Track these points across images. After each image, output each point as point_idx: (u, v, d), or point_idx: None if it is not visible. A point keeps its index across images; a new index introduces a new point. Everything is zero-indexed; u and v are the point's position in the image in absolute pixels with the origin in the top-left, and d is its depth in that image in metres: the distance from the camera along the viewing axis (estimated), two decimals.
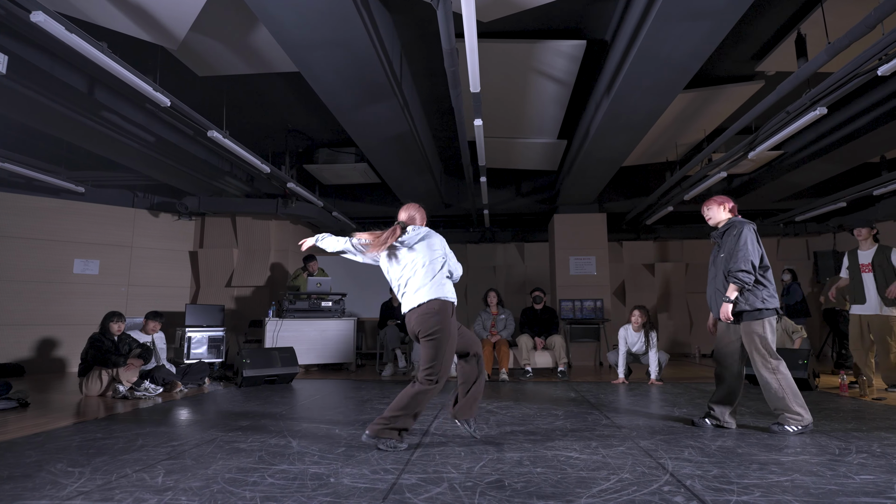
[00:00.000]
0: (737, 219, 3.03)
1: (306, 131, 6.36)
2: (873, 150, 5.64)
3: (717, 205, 3.12)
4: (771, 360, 2.80)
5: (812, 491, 1.82)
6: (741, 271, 2.81)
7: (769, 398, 2.83)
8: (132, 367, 4.46)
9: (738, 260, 2.82)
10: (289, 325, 6.13)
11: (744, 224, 2.94)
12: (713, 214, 3.12)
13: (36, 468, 2.19)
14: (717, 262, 3.05)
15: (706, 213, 3.16)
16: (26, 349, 6.34)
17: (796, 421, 2.75)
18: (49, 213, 6.70)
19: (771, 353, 2.81)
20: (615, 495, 1.79)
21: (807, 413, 2.77)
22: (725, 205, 3.11)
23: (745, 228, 2.90)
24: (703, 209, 3.19)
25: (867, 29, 3.00)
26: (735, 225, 2.97)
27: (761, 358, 2.81)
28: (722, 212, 3.10)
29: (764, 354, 2.81)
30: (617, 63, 3.98)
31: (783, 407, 2.78)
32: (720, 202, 3.12)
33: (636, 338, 5.18)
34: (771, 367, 2.80)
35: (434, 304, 2.53)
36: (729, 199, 3.14)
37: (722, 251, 3.01)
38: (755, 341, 2.82)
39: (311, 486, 1.93)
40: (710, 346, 8.87)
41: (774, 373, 2.79)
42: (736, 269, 2.82)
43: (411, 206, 2.88)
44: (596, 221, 7.95)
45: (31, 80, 3.88)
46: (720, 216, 3.10)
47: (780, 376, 2.78)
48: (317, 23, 3.23)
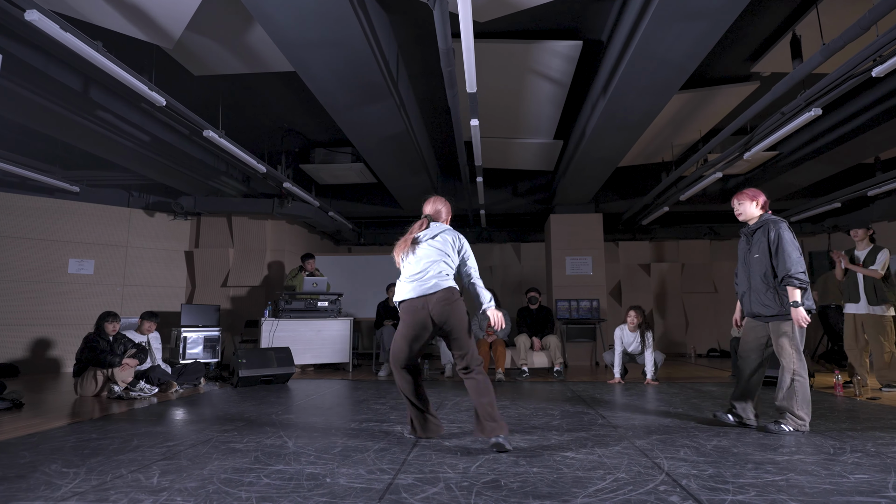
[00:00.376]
0: (770, 217, 2.94)
1: (302, 131, 6.34)
2: (868, 151, 5.67)
3: (749, 199, 3.00)
4: (795, 361, 2.78)
5: (807, 490, 1.83)
6: (801, 273, 2.73)
7: (779, 395, 2.83)
8: (127, 367, 4.44)
9: (792, 262, 2.75)
10: (285, 326, 6.11)
11: (779, 224, 2.86)
12: (744, 210, 3.01)
13: (30, 469, 2.18)
14: (748, 260, 2.97)
15: (737, 208, 3.04)
16: (21, 349, 6.30)
17: (795, 424, 2.77)
18: (44, 213, 6.66)
19: (798, 354, 2.79)
20: (611, 495, 1.80)
21: (808, 419, 2.78)
22: (758, 200, 2.99)
23: (782, 230, 2.82)
24: (733, 202, 3.06)
25: (861, 30, 3.02)
26: (769, 225, 2.89)
27: (787, 357, 2.80)
28: (754, 207, 2.99)
29: (790, 354, 2.79)
30: (613, 63, 3.99)
31: (789, 408, 2.78)
32: (752, 196, 3.00)
33: (632, 338, 5.20)
34: (793, 367, 2.78)
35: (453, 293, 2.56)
36: (761, 192, 3.01)
37: (755, 251, 2.92)
38: (783, 341, 2.81)
39: (307, 486, 1.92)
40: (706, 346, 8.91)
41: (794, 374, 2.78)
42: (794, 272, 2.74)
43: (438, 199, 2.83)
44: (592, 222, 7.97)
45: (26, 79, 3.86)
46: (752, 212, 3.00)
47: (797, 378, 2.77)
48: (313, 22, 3.22)
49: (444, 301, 2.52)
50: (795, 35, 3.98)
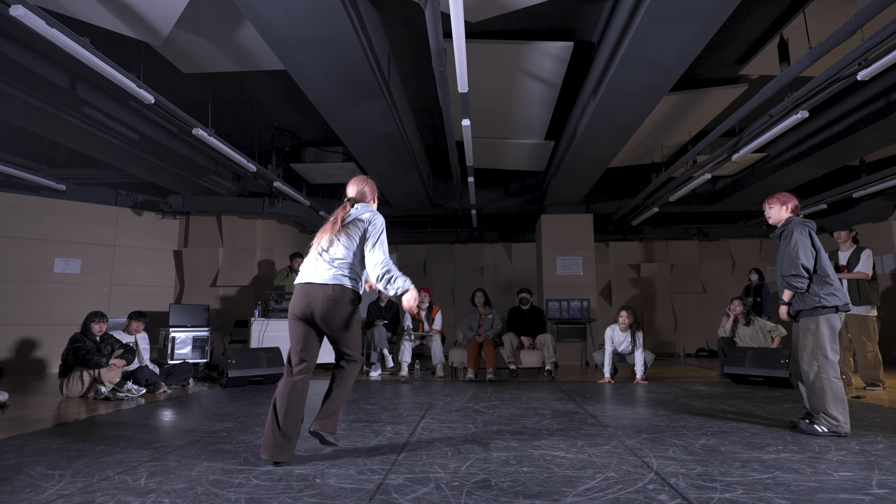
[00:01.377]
0: (794, 219, 2.91)
1: (293, 130, 6.30)
2: (853, 153, 5.76)
3: (779, 203, 2.99)
4: (819, 359, 2.71)
5: (793, 488, 1.85)
6: (792, 276, 2.75)
7: (808, 396, 2.76)
8: (114, 367, 4.39)
9: (788, 265, 2.77)
10: (275, 325, 6.07)
11: (796, 224, 2.84)
12: (774, 213, 3.01)
13: (14, 471, 2.14)
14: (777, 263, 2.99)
15: (767, 212, 3.04)
16: (5, 350, 6.20)
17: (831, 424, 2.67)
18: (29, 212, 6.56)
19: (822, 352, 2.71)
20: (601, 494, 1.81)
21: (845, 420, 2.67)
22: (788, 204, 2.98)
23: (796, 230, 2.81)
24: (764, 206, 3.07)
25: (847, 34, 3.07)
26: (788, 226, 2.88)
27: (809, 354, 2.74)
28: (783, 211, 2.98)
29: (813, 351, 2.73)
30: (604, 65, 4.01)
31: (820, 408, 2.70)
32: (783, 201, 2.99)
33: (622, 338, 5.23)
34: (818, 365, 2.71)
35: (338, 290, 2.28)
36: (793, 197, 3.00)
37: (779, 252, 2.93)
38: (807, 337, 2.77)
39: (296, 486, 1.91)
40: (695, 345, 9.00)
41: (819, 371, 2.70)
42: (787, 273, 2.77)
43: (361, 178, 2.58)
44: (582, 222, 8.01)
45: (11, 75, 3.80)
46: (781, 215, 2.98)
47: (824, 376, 2.69)
48: (304, 20, 3.20)
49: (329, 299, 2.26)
50: (783, 38, 4.04)
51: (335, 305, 2.28)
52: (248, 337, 6.02)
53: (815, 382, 2.72)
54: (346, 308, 2.30)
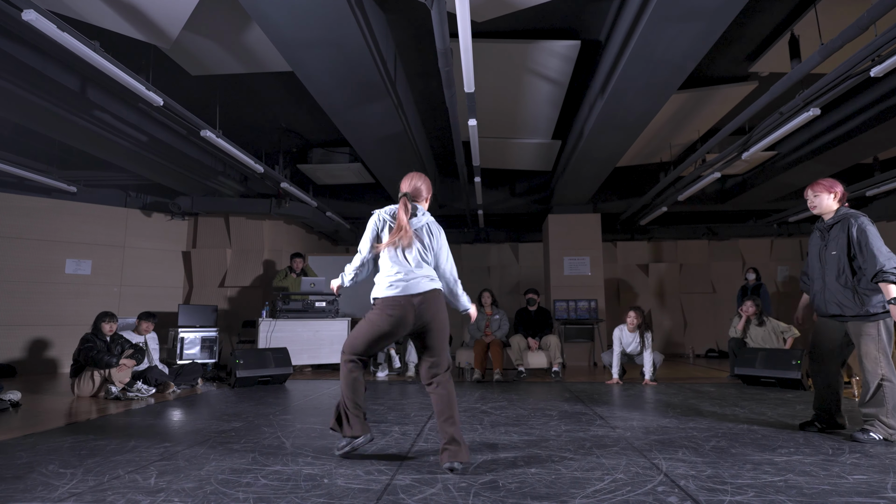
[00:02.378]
0: (850, 211, 2.72)
1: (300, 131, 6.33)
2: (866, 151, 5.69)
3: (826, 192, 2.76)
4: (883, 366, 2.57)
5: (805, 491, 1.83)
6: (895, 267, 2.49)
7: (865, 401, 2.62)
8: (124, 367, 4.43)
9: (885, 257, 2.51)
10: (282, 326, 6.10)
11: (860, 218, 2.65)
12: (819, 202, 2.77)
13: (27, 469, 2.17)
14: (825, 257, 2.74)
15: (811, 200, 2.81)
16: (18, 350, 6.28)
17: (886, 432, 2.55)
18: (41, 213, 6.64)
19: (885, 358, 2.56)
20: (609, 496, 1.79)
21: None
22: (836, 192, 2.76)
23: (864, 224, 2.61)
24: (807, 193, 2.83)
25: (860, 30, 3.02)
26: (850, 219, 2.67)
27: (872, 362, 2.59)
28: (831, 200, 2.76)
29: (875, 358, 2.58)
30: (611, 63, 3.99)
31: (877, 415, 2.57)
32: (829, 188, 2.76)
33: (631, 338, 5.19)
34: (881, 372, 2.57)
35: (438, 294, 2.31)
36: (838, 183, 2.77)
37: (832, 247, 2.71)
38: (867, 344, 2.60)
39: (304, 486, 1.92)
40: (704, 346, 8.92)
41: (882, 379, 2.56)
42: (888, 267, 2.48)
43: (416, 175, 2.47)
44: (590, 222, 7.97)
45: (23, 78, 3.84)
46: (829, 205, 2.76)
47: (886, 383, 2.56)
48: (310, 22, 3.21)
49: (431, 301, 2.28)
50: (794, 35, 3.99)
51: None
52: (256, 337, 6.05)
53: (877, 390, 2.57)
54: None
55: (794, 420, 3.13)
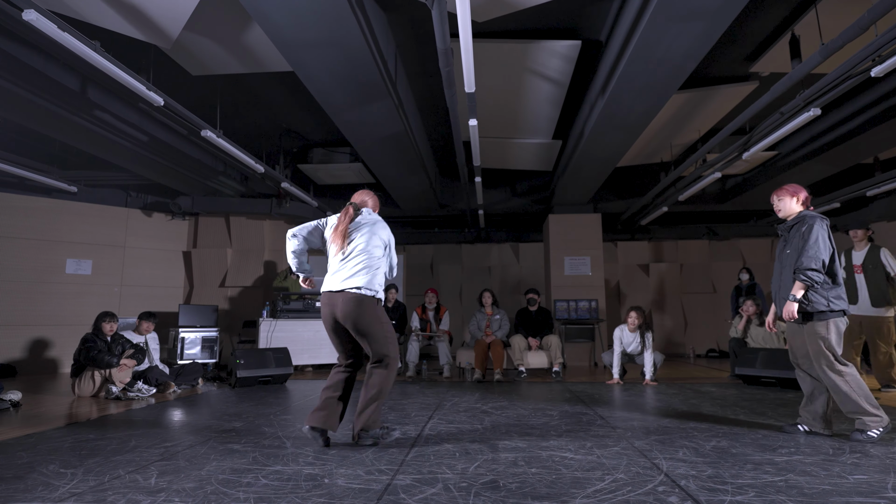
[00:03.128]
0: (808, 212, 2.79)
1: (301, 131, 6.33)
2: (867, 151, 5.68)
3: (789, 195, 2.86)
4: (836, 365, 2.61)
5: (806, 491, 1.83)
6: (810, 269, 2.61)
7: (841, 402, 2.63)
8: (125, 367, 4.43)
9: (809, 258, 2.62)
10: (283, 326, 6.10)
11: (815, 218, 2.72)
12: (784, 206, 2.88)
13: (28, 469, 2.17)
14: (782, 257, 2.83)
15: (776, 204, 2.91)
16: (18, 350, 6.28)
17: (876, 423, 2.57)
18: (41, 213, 6.64)
19: (836, 357, 2.62)
20: (610, 496, 1.79)
21: (882, 413, 2.59)
22: (799, 195, 2.85)
23: (816, 223, 2.68)
24: (772, 198, 2.93)
25: (860, 30, 3.02)
26: (806, 219, 2.74)
27: (826, 361, 2.63)
28: (794, 203, 2.86)
29: (828, 357, 2.62)
30: (612, 63, 3.99)
31: (858, 410, 2.59)
32: (793, 192, 2.86)
33: (632, 338, 5.19)
34: (837, 369, 2.61)
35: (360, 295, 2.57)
36: (802, 188, 2.88)
37: (789, 247, 2.79)
38: (819, 344, 2.65)
39: (305, 487, 1.92)
40: (705, 346, 8.92)
41: (842, 375, 2.60)
42: (805, 266, 2.62)
43: (364, 192, 2.94)
44: (591, 222, 7.97)
45: (24, 78, 3.85)
46: (792, 208, 2.86)
47: (848, 378, 2.59)
48: (311, 22, 3.21)
49: (353, 301, 2.55)
50: (794, 35, 3.99)
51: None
52: (257, 337, 6.05)
53: (844, 387, 2.60)
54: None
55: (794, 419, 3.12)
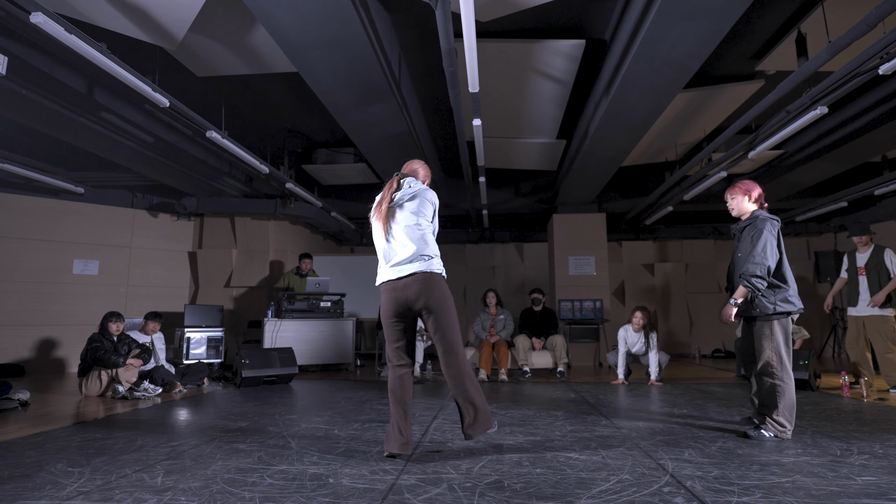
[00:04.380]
0: (761, 213, 2.76)
1: (305, 132, 6.35)
2: (874, 150, 5.63)
3: (741, 193, 2.83)
4: (775, 366, 2.63)
5: (813, 492, 1.81)
6: (755, 276, 2.61)
7: (761, 399, 2.69)
8: (131, 367, 4.46)
9: (754, 264, 2.62)
10: (287, 326, 6.12)
11: (765, 222, 2.69)
12: (736, 205, 2.84)
13: (36, 468, 2.18)
14: (735, 260, 2.83)
15: (729, 202, 2.88)
16: (26, 349, 6.33)
17: (777, 430, 2.61)
18: (48, 214, 6.70)
19: (779, 359, 2.63)
20: (615, 496, 1.78)
21: (791, 427, 2.63)
22: (751, 193, 2.82)
23: (765, 228, 2.66)
24: (726, 196, 2.91)
25: (868, 27, 3.00)
26: (757, 222, 2.72)
27: (765, 361, 2.66)
28: (746, 202, 2.82)
29: (769, 358, 2.64)
30: (616, 62, 3.97)
31: (770, 413, 2.63)
32: (745, 190, 2.82)
33: (636, 338, 5.17)
34: (772, 370, 2.63)
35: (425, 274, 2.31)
36: (756, 185, 2.83)
37: (739, 249, 2.79)
38: (763, 344, 2.68)
39: (310, 486, 1.92)
40: (710, 346, 8.87)
41: (773, 378, 2.63)
42: (749, 273, 2.62)
43: (415, 160, 2.60)
44: (595, 221, 7.94)
45: (31, 80, 3.88)
46: (744, 207, 2.83)
47: (779, 384, 2.61)
48: (315, 23, 3.22)
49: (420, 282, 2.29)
50: (801, 33, 3.96)
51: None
52: (262, 337, 6.07)
53: (770, 388, 2.64)
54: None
55: (801, 421, 3.10)
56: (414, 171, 2.57)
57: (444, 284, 2.36)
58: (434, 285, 2.31)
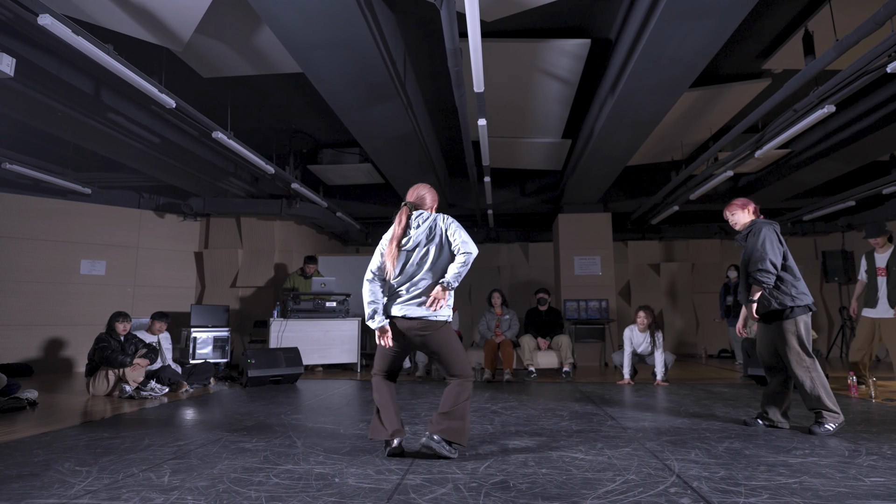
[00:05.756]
0: (760, 220, 3.04)
1: (310, 132, 6.37)
2: (882, 149, 5.58)
3: (739, 209, 3.14)
4: (805, 359, 2.80)
5: (821, 493, 1.80)
6: (759, 271, 2.83)
7: (805, 397, 2.82)
8: (138, 367, 4.49)
9: (755, 260, 2.85)
10: (293, 326, 6.14)
11: (763, 224, 2.96)
12: (737, 219, 3.15)
13: (44, 467, 2.20)
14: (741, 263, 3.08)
15: (730, 218, 3.17)
16: (34, 349, 6.39)
17: (833, 419, 2.75)
18: (56, 215, 6.75)
19: (806, 352, 2.80)
20: (621, 496, 1.78)
21: (839, 411, 2.78)
22: (748, 207, 3.13)
23: (763, 228, 2.92)
24: (725, 214, 3.21)
25: (876, 25, 2.97)
26: (755, 227, 2.99)
27: (796, 356, 2.81)
28: (745, 214, 3.13)
29: (798, 353, 2.80)
30: (621, 62, 3.96)
31: (821, 406, 2.77)
32: (742, 205, 3.14)
33: (642, 338, 5.15)
34: (805, 365, 2.79)
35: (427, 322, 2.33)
36: (750, 201, 3.17)
37: (744, 254, 3.03)
38: (788, 339, 2.82)
39: (315, 486, 1.93)
40: (717, 346, 8.83)
41: (809, 371, 2.79)
42: (754, 269, 2.85)
43: (420, 185, 2.54)
44: (601, 221, 7.92)
45: (39, 82, 3.91)
46: (744, 219, 3.13)
47: (814, 374, 2.78)
48: (320, 23, 3.23)
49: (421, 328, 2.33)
50: (808, 31, 3.93)
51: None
52: (267, 337, 6.09)
53: (810, 383, 2.78)
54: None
55: (808, 422, 3.08)
56: (421, 197, 2.52)
57: (446, 329, 2.38)
58: (436, 332, 2.36)
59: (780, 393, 2.94)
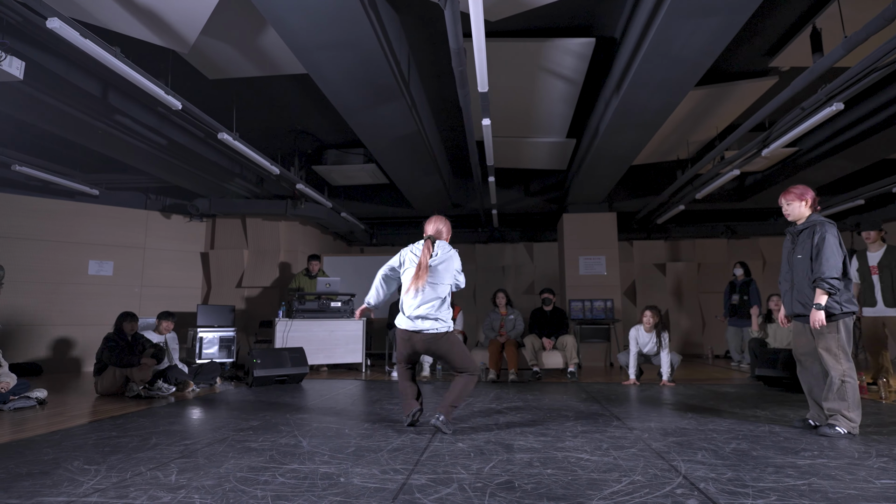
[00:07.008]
0: (818, 218, 2.88)
1: (315, 133, 6.39)
2: (892, 147, 5.53)
3: (797, 199, 2.94)
4: (843, 363, 2.74)
5: (830, 495, 1.78)
6: (833, 278, 2.72)
7: (827, 399, 2.77)
8: (146, 366, 4.52)
9: (829, 267, 2.73)
10: (298, 326, 6.16)
11: (825, 226, 2.82)
12: (793, 210, 2.96)
13: (53, 466, 2.22)
14: (792, 260, 2.96)
15: (785, 207, 2.99)
16: (43, 349, 6.45)
17: (848, 426, 2.71)
18: (64, 216, 6.81)
19: (846, 357, 2.75)
20: (627, 497, 1.77)
21: (859, 421, 2.73)
22: (806, 198, 2.93)
23: (828, 232, 2.79)
24: (780, 201, 3.01)
25: (885, 22, 2.94)
26: (816, 227, 2.85)
27: (833, 359, 2.76)
28: (803, 207, 2.94)
29: (836, 355, 2.75)
30: (626, 60, 3.94)
31: (840, 409, 2.73)
32: (801, 196, 2.93)
33: (647, 338, 5.13)
34: (841, 368, 2.74)
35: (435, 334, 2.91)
36: (809, 190, 2.94)
37: (798, 251, 2.90)
38: (828, 341, 2.77)
39: (321, 485, 1.93)
40: (723, 347, 8.77)
41: (842, 376, 2.73)
42: (827, 275, 2.73)
43: (438, 218, 3.10)
44: (606, 221, 7.89)
45: (47, 85, 3.94)
46: (801, 212, 2.94)
47: (847, 380, 2.72)
48: (325, 25, 3.24)
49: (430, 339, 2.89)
50: (816, 28, 3.89)
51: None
52: (273, 337, 6.12)
53: (841, 386, 2.74)
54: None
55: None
56: (439, 231, 3.08)
57: (449, 335, 2.91)
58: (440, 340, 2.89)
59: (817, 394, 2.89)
